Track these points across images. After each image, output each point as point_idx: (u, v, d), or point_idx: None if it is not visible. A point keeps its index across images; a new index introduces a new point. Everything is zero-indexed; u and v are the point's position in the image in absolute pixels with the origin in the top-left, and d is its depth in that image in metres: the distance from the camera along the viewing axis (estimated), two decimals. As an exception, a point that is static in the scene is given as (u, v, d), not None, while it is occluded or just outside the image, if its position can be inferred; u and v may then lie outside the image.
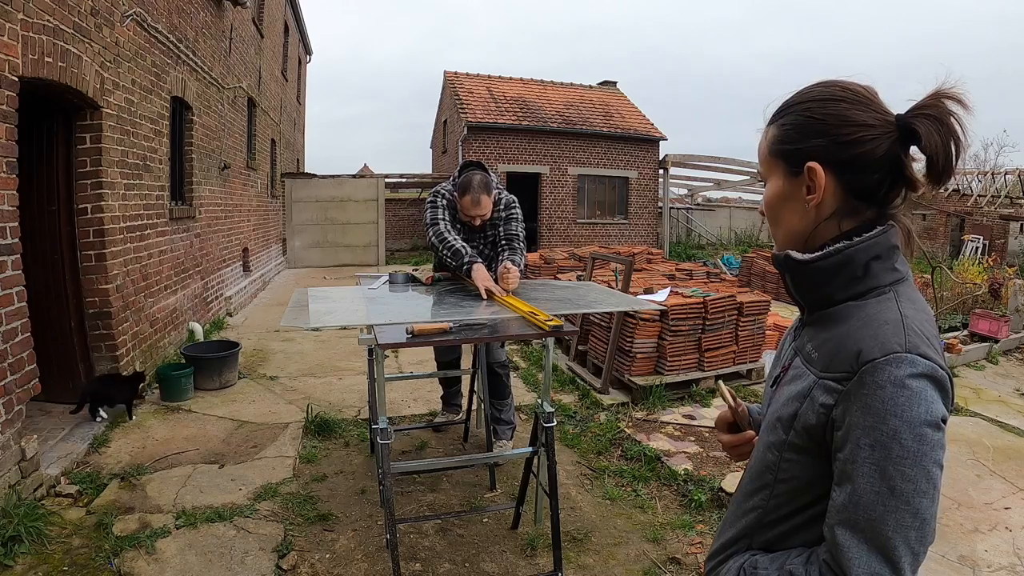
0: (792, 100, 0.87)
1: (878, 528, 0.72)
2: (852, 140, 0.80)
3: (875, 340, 0.75)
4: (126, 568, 2.39)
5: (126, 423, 3.82)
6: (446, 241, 3.01)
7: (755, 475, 0.91)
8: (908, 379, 0.71)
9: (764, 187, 0.93)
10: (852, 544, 0.73)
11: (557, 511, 2.38)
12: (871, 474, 0.72)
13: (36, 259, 3.67)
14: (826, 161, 0.81)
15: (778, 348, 1.05)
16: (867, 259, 0.80)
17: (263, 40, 10.25)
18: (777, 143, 0.87)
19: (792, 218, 0.87)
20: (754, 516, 0.91)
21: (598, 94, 18.78)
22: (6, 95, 2.79)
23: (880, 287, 0.81)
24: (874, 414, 0.72)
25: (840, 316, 0.82)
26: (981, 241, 15.26)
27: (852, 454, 0.73)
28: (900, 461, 0.71)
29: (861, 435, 0.72)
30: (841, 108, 0.81)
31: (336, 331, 6.32)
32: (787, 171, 0.86)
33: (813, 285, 0.85)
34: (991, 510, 3.03)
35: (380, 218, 14.73)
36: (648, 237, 17.46)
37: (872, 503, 0.72)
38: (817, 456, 0.81)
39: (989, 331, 6.14)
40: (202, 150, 6.45)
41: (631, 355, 4.57)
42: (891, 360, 0.72)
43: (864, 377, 0.73)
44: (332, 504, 2.96)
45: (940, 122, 0.77)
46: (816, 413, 0.78)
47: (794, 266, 0.85)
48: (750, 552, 0.91)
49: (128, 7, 4.27)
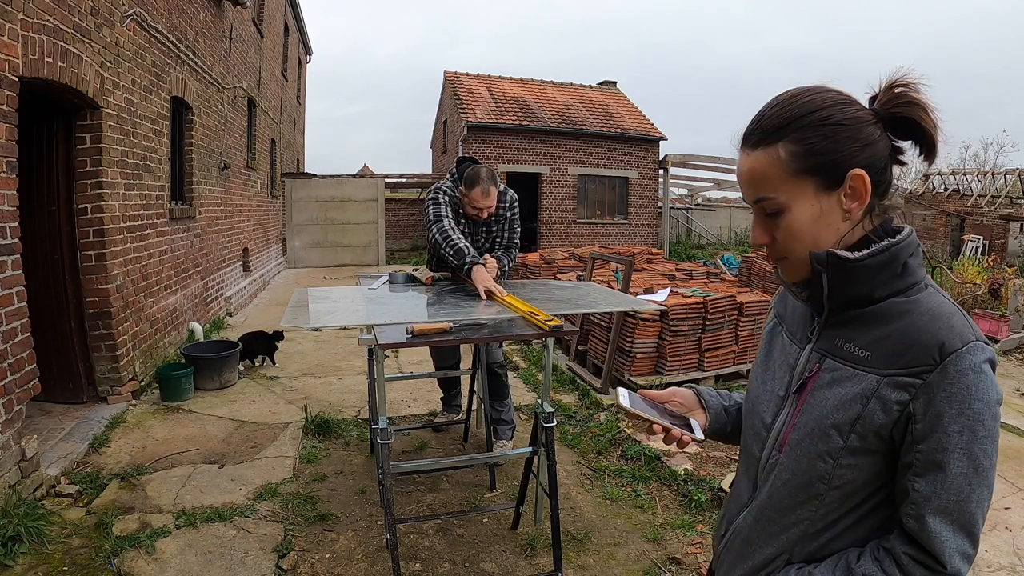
0: (793, 113, 0.82)
1: (964, 507, 0.76)
2: (872, 140, 0.81)
3: (952, 331, 0.77)
4: (126, 568, 2.39)
5: (126, 423, 3.82)
6: (449, 239, 3.01)
7: (799, 487, 0.86)
8: (983, 364, 0.76)
9: (770, 216, 0.86)
10: (943, 529, 0.76)
11: (557, 511, 2.38)
12: (961, 458, 0.75)
13: (36, 259, 3.67)
14: (863, 165, 0.81)
15: (766, 356, 1.00)
16: (907, 256, 0.82)
17: (263, 40, 10.25)
18: (803, 159, 0.81)
19: (826, 233, 0.84)
20: (798, 529, 0.88)
21: (598, 94, 18.78)
22: (6, 95, 2.79)
23: (919, 282, 0.83)
24: (960, 401, 0.75)
25: (888, 313, 0.82)
26: (981, 241, 15.25)
27: (941, 443, 0.75)
28: (983, 441, 0.75)
29: (949, 423, 0.75)
30: (852, 111, 0.82)
31: (336, 331, 6.32)
32: (822, 186, 0.82)
33: (858, 283, 0.82)
34: (991, 510, 3.02)
35: (380, 218, 14.73)
36: (648, 237, 17.45)
37: (961, 485, 0.75)
38: (880, 455, 0.81)
39: (989, 331, 6.14)
40: (202, 150, 6.45)
41: (631, 355, 4.57)
42: (971, 349, 0.76)
43: (948, 367, 0.75)
44: (332, 504, 2.96)
45: (923, 107, 0.81)
46: (887, 411, 0.79)
47: (840, 265, 0.82)
48: (795, 567, 0.88)
49: (128, 7, 4.27)
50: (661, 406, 1.04)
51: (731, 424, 1.08)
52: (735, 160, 0.90)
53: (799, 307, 0.96)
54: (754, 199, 0.86)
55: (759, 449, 0.94)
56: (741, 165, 0.87)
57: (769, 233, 0.87)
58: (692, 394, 1.09)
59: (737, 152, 0.88)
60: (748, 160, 0.85)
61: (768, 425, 0.93)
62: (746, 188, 0.87)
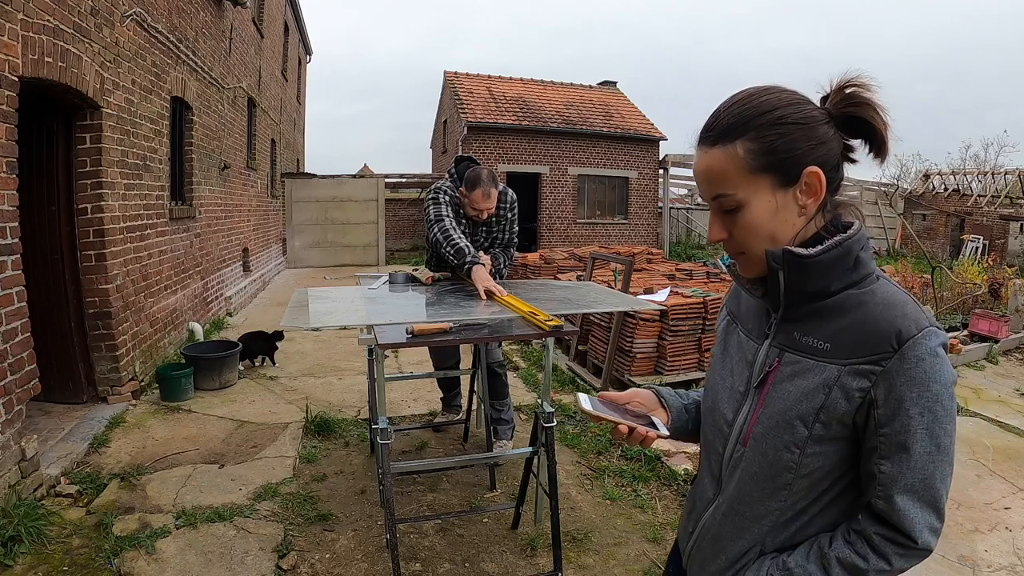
0: (750, 112, 0.84)
1: (929, 484, 0.81)
2: (826, 138, 0.85)
3: (907, 319, 0.81)
4: (126, 568, 2.39)
5: (126, 423, 3.82)
6: (451, 239, 3.00)
7: (766, 479, 0.89)
8: (938, 348, 0.80)
9: (727, 212, 0.87)
10: (911, 506, 0.80)
11: (557, 511, 2.38)
12: (923, 438, 0.79)
13: (36, 259, 3.67)
14: (818, 162, 0.84)
15: (722, 354, 1.01)
16: (859, 250, 0.85)
17: (263, 40, 10.25)
18: (761, 157, 0.83)
19: (783, 228, 0.86)
20: (769, 520, 0.90)
21: (598, 94, 18.78)
22: (6, 95, 2.79)
23: (871, 274, 0.86)
24: (919, 384, 0.79)
25: (844, 305, 0.85)
26: (981, 241, 15.26)
27: (904, 425, 0.79)
28: (943, 420, 0.80)
29: (910, 406, 0.79)
30: (807, 110, 0.84)
31: (336, 331, 6.31)
32: (778, 183, 0.84)
33: (815, 279, 0.85)
34: (991, 510, 3.03)
35: (380, 218, 14.73)
36: (648, 237, 17.45)
37: (925, 464, 0.80)
38: (844, 441, 0.85)
39: (989, 331, 6.14)
40: (202, 150, 6.45)
41: (631, 355, 4.57)
42: (926, 334, 0.80)
43: (906, 353, 0.79)
44: (332, 504, 2.96)
45: (874, 107, 0.84)
46: (849, 399, 0.82)
47: (796, 262, 0.84)
48: (768, 557, 0.91)
49: (128, 7, 4.27)
50: (622, 407, 1.05)
51: (691, 422, 1.11)
52: None
53: (753, 304, 0.98)
54: (712, 196, 0.88)
55: (722, 445, 0.96)
56: (698, 163, 0.88)
57: (727, 229, 0.89)
58: (652, 394, 1.10)
59: (694, 150, 0.90)
60: (706, 158, 0.87)
61: (730, 421, 0.95)
62: (704, 185, 0.89)
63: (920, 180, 18.97)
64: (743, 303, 1.02)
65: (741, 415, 0.94)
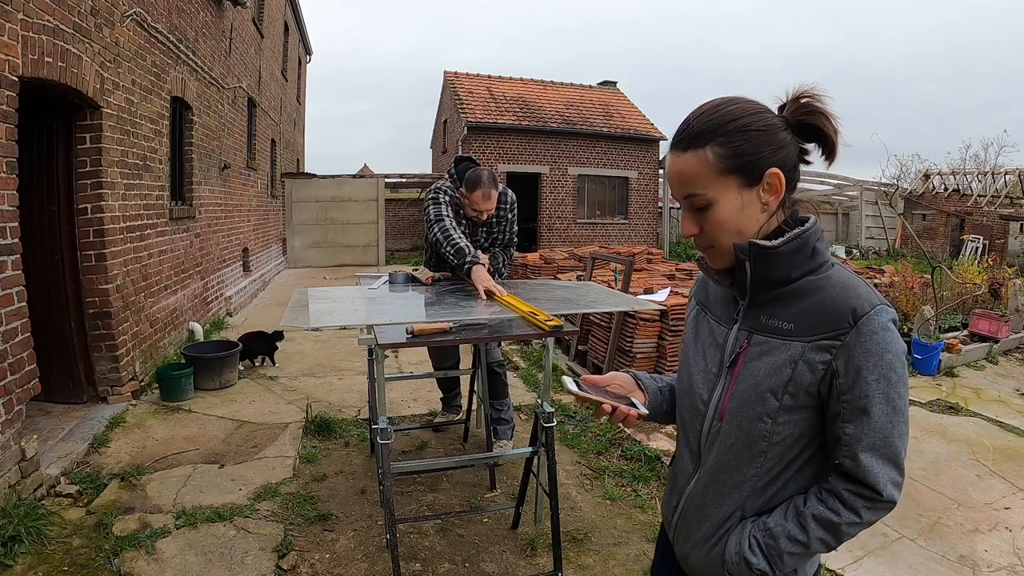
0: (718, 121, 0.93)
1: (889, 441, 0.91)
2: (785, 143, 0.95)
3: (860, 298, 0.91)
4: (126, 568, 2.39)
5: (126, 423, 3.82)
6: (451, 239, 3.00)
7: (743, 448, 0.98)
8: (889, 322, 0.90)
9: (698, 210, 0.97)
10: (874, 463, 0.90)
11: (557, 511, 2.38)
12: (881, 402, 0.89)
13: (36, 259, 3.67)
14: (778, 164, 0.94)
15: (694, 340, 1.11)
16: (815, 241, 0.96)
17: (263, 40, 10.25)
18: (728, 160, 0.93)
19: (748, 224, 0.96)
20: (747, 486, 1.00)
21: (598, 94, 18.78)
22: (6, 95, 2.79)
23: (827, 262, 0.97)
24: (874, 354, 0.89)
25: (804, 290, 0.95)
26: (981, 241, 15.26)
27: (863, 391, 0.89)
28: (897, 385, 0.90)
29: (868, 373, 0.89)
30: (768, 118, 0.94)
31: (336, 331, 6.31)
32: (743, 183, 0.94)
33: (778, 267, 0.95)
34: (991, 510, 3.03)
35: (380, 218, 14.73)
36: (648, 237, 17.45)
37: (884, 424, 0.90)
38: (811, 410, 0.95)
39: (989, 331, 6.14)
40: (202, 150, 6.45)
41: (631, 355, 4.57)
42: (878, 311, 0.90)
43: (861, 328, 0.89)
44: (332, 504, 2.96)
45: (826, 115, 0.94)
46: (813, 371, 0.92)
47: (761, 253, 0.94)
48: (749, 520, 1.00)
49: (128, 7, 4.27)
50: (604, 389, 1.14)
51: (667, 403, 1.21)
52: None
53: (721, 293, 1.08)
54: (684, 195, 0.98)
55: (699, 423, 1.06)
56: (671, 165, 0.98)
57: (698, 225, 0.99)
58: (630, 377, 1.20)
59: (667, 155, 1.00)
60: (679, 161, 0.96)
61: (706, 400, 1.05)
62: (676, 186, 0.98)
63: (920, 180, 18.96)
64: (711, 292, 1.12)
65: (716, 393, 1.03)
